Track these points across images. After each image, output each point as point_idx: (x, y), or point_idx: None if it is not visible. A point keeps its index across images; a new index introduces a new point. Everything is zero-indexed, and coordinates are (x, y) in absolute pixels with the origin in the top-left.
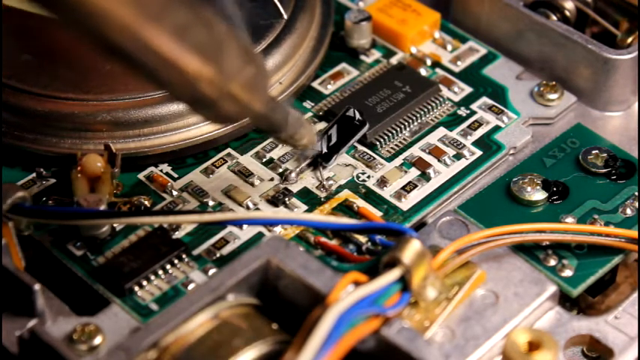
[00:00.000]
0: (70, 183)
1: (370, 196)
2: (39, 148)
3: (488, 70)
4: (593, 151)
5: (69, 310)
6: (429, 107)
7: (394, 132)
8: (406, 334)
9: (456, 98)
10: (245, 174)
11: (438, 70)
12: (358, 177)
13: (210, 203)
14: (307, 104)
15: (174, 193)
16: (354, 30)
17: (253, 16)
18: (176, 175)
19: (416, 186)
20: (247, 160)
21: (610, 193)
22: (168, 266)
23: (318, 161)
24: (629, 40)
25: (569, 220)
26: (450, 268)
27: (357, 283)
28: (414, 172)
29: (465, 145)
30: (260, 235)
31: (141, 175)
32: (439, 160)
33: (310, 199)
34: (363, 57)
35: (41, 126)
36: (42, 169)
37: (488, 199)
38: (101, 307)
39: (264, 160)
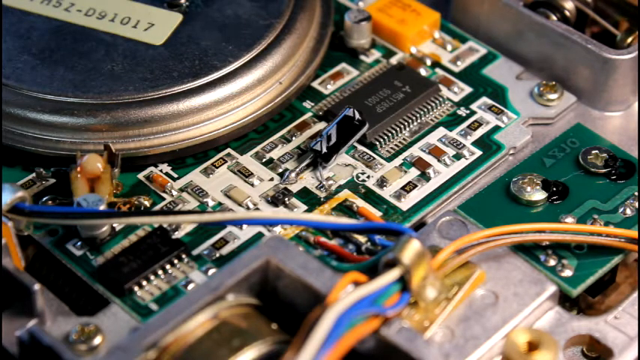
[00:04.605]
0: (69, 183)
1: (370, 196)
2: (39, 148)
3: (488, 70)
4: (593, 151)
5: (68, 310)
6: (429, 107)
7: (394, 132)
8: (406, 334)
9: (456, 98)
10: (245, 174)
11: (438, 70)
12: (358, 177)
13: (210, 203)
14: (307, 104)
15: (174, 193)
16: (354, 30)
17: (253, 16)
18: (176, 175)
19: (416, 186)
20: (247, 160)
21: (610, 193)
22: (167, 266)
23: (318, 161)
24: (629, 40)
25: (569, 220)
26: (449, 268)
27: (357, 283)
28: (413, 172)
29: (464, 145)
30: (260, 235)
31: (141, 175)
32: (439, 160)
33: (310, 199)
34: (362, 57)
35: (41, 126)
36: (42, 169)
37: (488, 199)
38: (101, 307)
39: (264, 160)
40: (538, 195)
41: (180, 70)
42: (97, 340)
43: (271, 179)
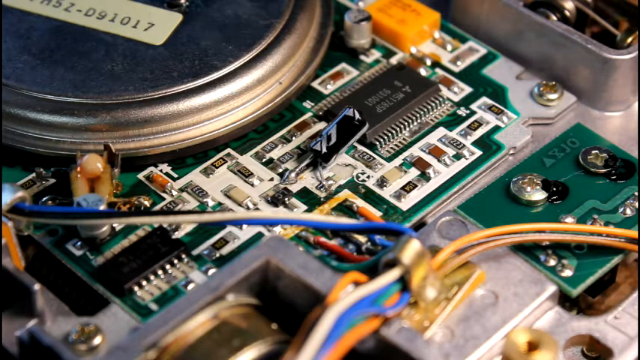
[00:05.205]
0: (69, 183)
1: (370, 196)
2: (39, 148)
3: (488, 70)
4: (593, 151)
5: (68, 310)
6: (429, 107)
7: (394, 132)
8: (406, 334)
9: (456, 98)
10: (245, 174)
11: (438, 70)
12: (358, 177)
13: (210, 203)
14: (307, 104)
15: (174, 193)
16: (354, 30)
17: (253, 16)
18: (176, 175)
19: (416, 186)
20: (247, 160)
21: (610, 193)
22: (167, 266)
23: (318, 161)
24: (629, 40)
25: (569, 220)
26: (449, 268)
27: (357, 283)
28: (413, 172)
29: (464, 145)
30: (260, 235)
31: (141, 175)
32: (439, 160)
33: (310, 199)
34: (362, 57)
35: (41, 126)
36: (42, 169)
37: (488, 199)
38: (101, 307)
39: (264, 160)
40: (538, 195)
41: (180, 70)
42: (97, 340)
43: (271, 179)
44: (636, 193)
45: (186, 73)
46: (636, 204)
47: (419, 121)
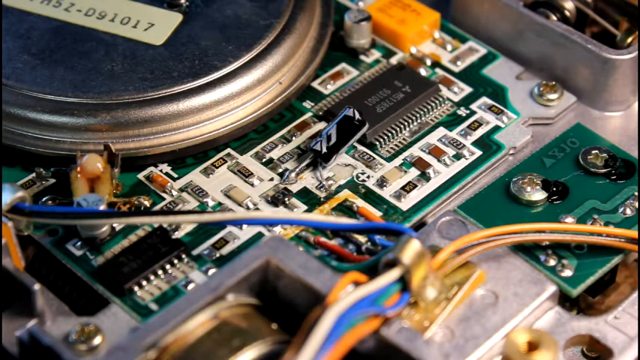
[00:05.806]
0: (69, 183)
1: (370, 196)
2: (39, 148)
3: (488, 70)
4: (593, 151)
5: (68, 310)
6: (429, 107)
7: (394, 132)
8: (406, 334)
9: (456, 98)
10: (245, 174)
11: (438, 70)
12: (358, 177)
13: (210, 203)
14: (307, 104)
15: (174, 193)
16: (354, 30)
17: (253, 16)
18: (176, 175)
19: (416, 186)
20: (247, 160)
21: (610, 193)
22: (167, 266)
23: (318, 161)
24: (629, 40)
25: (569, 220)
26: (449, 268)
27: (357, 283)
28: (413, 172)
29: (464, 145)
30: (260, 235)
31: (141, 175)
32: (439, 160)
33: (310, 199)
34: (362, 57)
35: (41, 126)
36: (42, 169)
37: (487, 199)
38: (101, 307)
39: (264, 160)
40: (538, 195)
41: (180, 70)
42: (97, 340)
43: (271, 179)
44: (636, 193)
45: (186, 73)
46: (636, 204)
47: (419, 121)
